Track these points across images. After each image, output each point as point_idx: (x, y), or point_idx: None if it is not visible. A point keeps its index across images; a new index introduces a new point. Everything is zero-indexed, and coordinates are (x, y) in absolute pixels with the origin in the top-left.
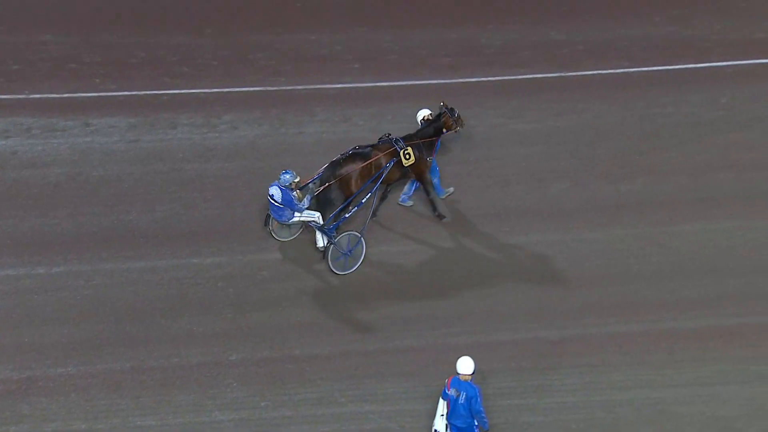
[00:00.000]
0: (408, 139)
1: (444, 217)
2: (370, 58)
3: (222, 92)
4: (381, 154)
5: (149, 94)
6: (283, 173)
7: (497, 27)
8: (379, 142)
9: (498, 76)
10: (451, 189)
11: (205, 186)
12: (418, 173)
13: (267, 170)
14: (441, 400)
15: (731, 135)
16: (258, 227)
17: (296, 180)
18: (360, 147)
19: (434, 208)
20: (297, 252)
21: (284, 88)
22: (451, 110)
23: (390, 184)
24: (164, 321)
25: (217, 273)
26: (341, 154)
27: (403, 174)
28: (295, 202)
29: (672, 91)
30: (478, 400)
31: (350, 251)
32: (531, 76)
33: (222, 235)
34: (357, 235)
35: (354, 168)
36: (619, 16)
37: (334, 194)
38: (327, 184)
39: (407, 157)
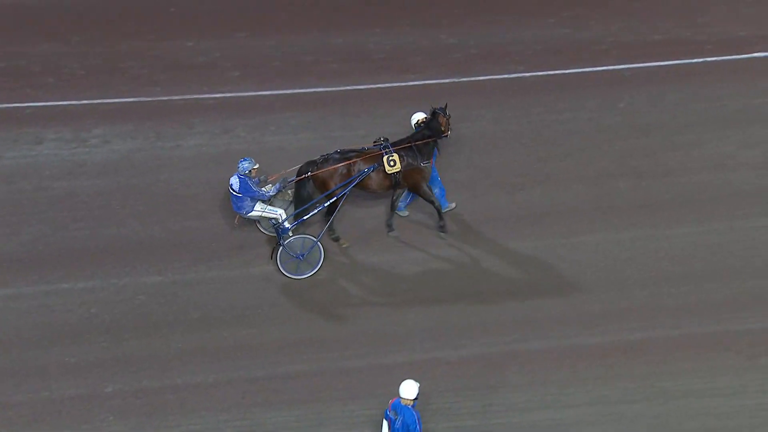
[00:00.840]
0: (400, 144)
1: (445, 231)
2: (251, 66)
3: (92, 104)
4: (360, 158)
5: (10, 108)
6: (241, 161)
7: (385, 31)
8: (373, 146)
9: (388, 82)
10: (453, 204)
11: (75, 205)
12: (412, 183)
13: (143, 187)
14: (384, 421)
15: (630, 141)
16: (134, 248)
17: (255, 167)
18: (344, 150)
19: (440, 217)
20: (177, 274)
21: (159, 98)
22: (444, 110)
23: (395, 194)
24: (33, 352)
25: (89, 298)
26: (321, 155)
27: (395, 183)
28: (254, 188)
29: (569, 96)
30: (417, 428)
31: (302, 255)
32: (423, 82)
33: (95, 257)
34: (311, 239)
35: (329, 169)
36: (513, 18)
37: (305, 193)
38: (299, 178)
39: (391, 164)
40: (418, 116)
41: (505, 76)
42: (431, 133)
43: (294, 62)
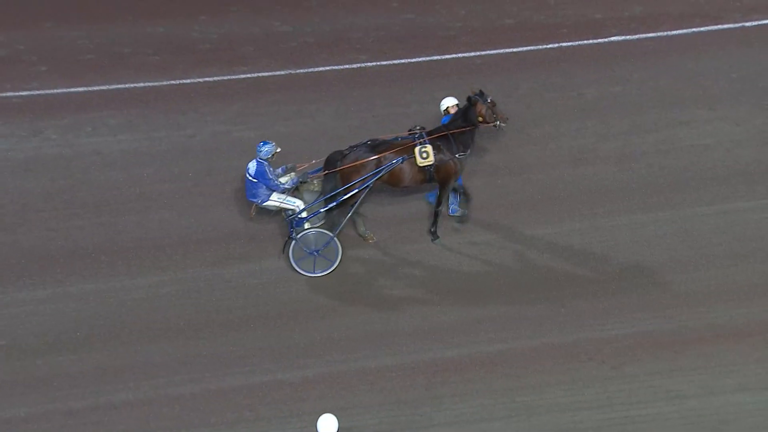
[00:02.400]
0: (435, 134)
1: (437, 237)
2: (61, 59)
3: None
4: (391, 150)
5: None
6: (261, 144)
7: (211, 18)
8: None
9: (216, 75)
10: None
11: None
12: (443, 176)
13: None
14: None
15: (483, 135)
16: None
17: (277, 151)
18: (374, 140)
19: (434, 222)
20: None
21: None
22: (481, 94)
23: (440, 191)
24: None
25: None
26: (350, 146)
27: (429, 177)
28: (269, 176)
29: (416, 87)
30: None
31: (317, 251)
32: (255, 74)
33: None
34: (327, 235)
35: (356, 163)
36: (353, 3)
37: (330, 186)
38: (324, 173)
39: (424, 155)
40: (448, 102)
41: (346, 66)
42: (467, 123)
43: (109, 55)
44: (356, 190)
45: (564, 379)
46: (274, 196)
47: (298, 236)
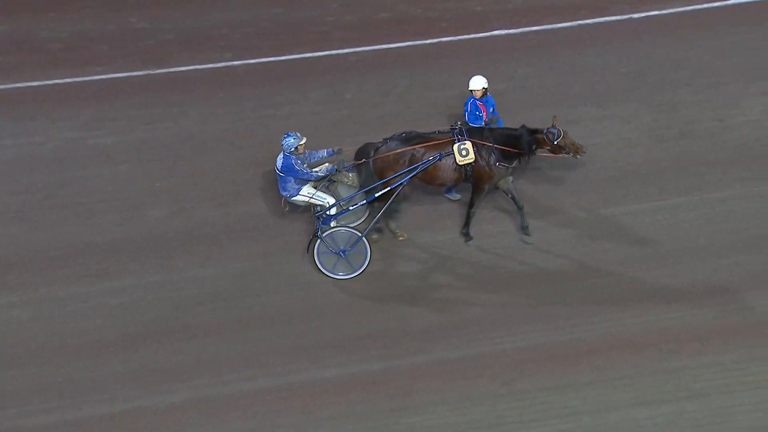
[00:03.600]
0: (476, 135)
1: (471, 238)
2: None
3: None
4: (427, 144)
5: None
6: (285, 137)
7: (60, 15)
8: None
9: (67, 77)
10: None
11: None
12: (477, 179)
13: None
14: None
15: (361, 137)
16: None
17: (302, 143)
18: (410, 132)
19: (466, 223)
20: None
21: None
22: (555, 133)
23: (479, 191)
24: None
25: None
26: (384, 138)
27: (465, 176)
28: (297, 167)
29: (287, 88)
30: None
31: (344, 251)
32: (110, 76)
33: None
34: (356, 234)
35: (388, 154)
36: None
37: (360, 179)
38: (357, 163)
39: (463, 153)
40: (476, 83)
41: (211, 65)
42: (516, 146)
43: None
44: (391, 186)
45: (452, 398)
46: (304, 190)
47: (324, 234)
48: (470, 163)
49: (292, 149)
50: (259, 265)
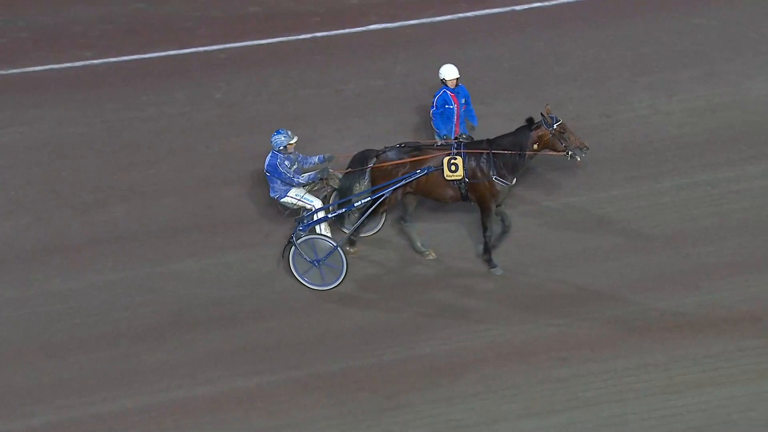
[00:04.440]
0: (474, 147)
1: (495, 266)
2: None
3: None
4: (423, 157)
5: None
6: (275, 133)
7: None
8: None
9: None
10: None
11: None
12: (478, 197)
13: None
14: None
15: (232, 139)
16: None
17: (292, 142)
18: (409, 144)
19: (485, 249)
20: None
21: None
22: (550, 121)
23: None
24: None
25: None
26: (386, 147)
27: (462, 194)
28: (281, 168)
29: (152, 87)
30: None
31: (318, 261)
32: None
33: None
34: (330, 244)
35: (379, 166)
36: None
37: (346, 186)
38: (346, 171)
39: (452, 168)
40: (454, 71)
41: (68, 64)
42: (514, 146)
43: None
44: (373, 197)
45: (332, 413)
46: (292, 192)
47: (298, 241)
48: (463, 180)
49: (281, 148)
50: (126, 277)
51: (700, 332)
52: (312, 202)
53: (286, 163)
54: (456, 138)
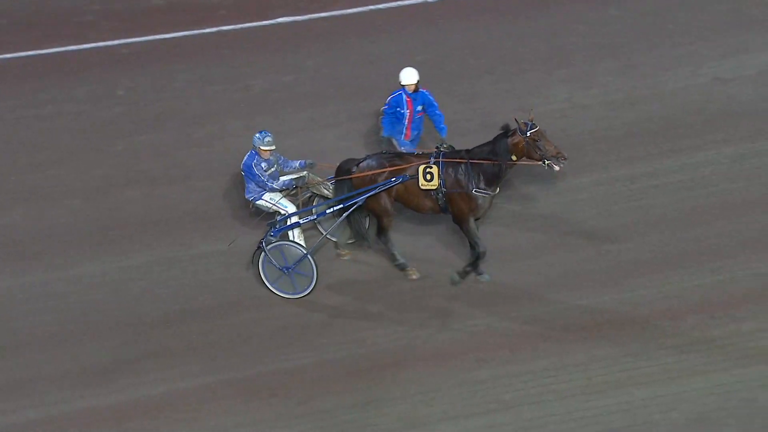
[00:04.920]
0: (452, 156)
1: (482, 273)
2: None
3: None
4: (395, 166)
5: None
6: (257, 133)
7: None
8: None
9: None
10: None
11: None
12: (455, 210)
13: None
14: None
15: (137, 138)
16: None
17: (267, 148)
18: (391, 152)
19: (471, 263)
20: None
21: None
22: (524, 128)
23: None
24: None
25: None
26: (368, 155)
27: (441, 206)
28: (255, 170)
29: (51, 85)
30: None
31: (288, 269)
32: None
33: None
34: (300, 252)
35: (359, 174)
36: None
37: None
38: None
39: (427, 177)
40: (414, 75)
41: None
42: (492, 155)
43: None
44: (346, 205)
45: (244, 421)
46: (267, 195)
47: (268, 247)
48: (440, 190)
49: (255, 145)
50: (25, 283)
51: (620, 331)
52: (286, 207)
53: (263, 165)
54: (437, 147)
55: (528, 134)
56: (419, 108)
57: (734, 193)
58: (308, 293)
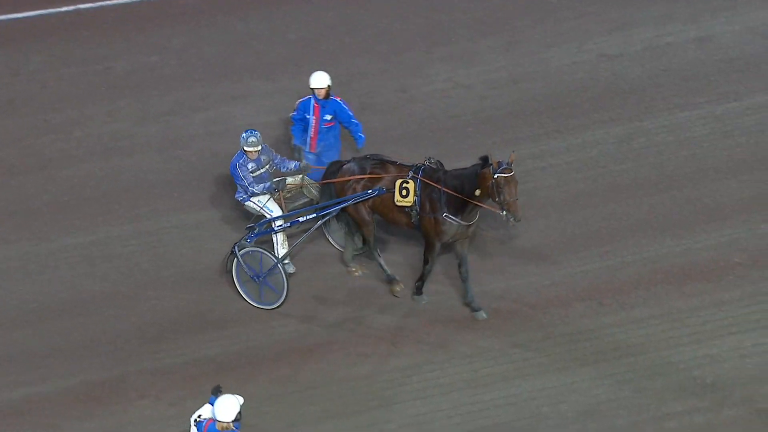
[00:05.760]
0: (432, 177)
1: (421, 293)
2: None
3: None
4: (375, 175)
5: None
6: (243, 132)
7: None
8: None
9: None
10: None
11: None
12: (424, 230)
13: None
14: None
15: None
16: None
17: (252, 149)
18: (378, 158)
19: (420, 278)
20: None
21: None
22: (497, 166)
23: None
24: None
25: None
26: (353, 157)
27: (415, 223)
28: (238, 171)
29: None
30: None
31: (259, 276)
32: None
33: None
34: (271, 260)
35: (340, 180)
36: None
37: (326, 198)
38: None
39: (403, 193)
40: (325, 79)
41: None
42: (461, 187)
43: None
44: (324, 212)
45: (110, 424)
46: (255, 198)
47: (240, 252)
48: (414, 208)
49: (241, 145)
50: None
51: (507, 321)
52: (272, 211)
53: (249, 166)
54: (427, 159)
55: (495, 176)
56: (327, 117)
57: (623, 174)
58: (275, 307)
